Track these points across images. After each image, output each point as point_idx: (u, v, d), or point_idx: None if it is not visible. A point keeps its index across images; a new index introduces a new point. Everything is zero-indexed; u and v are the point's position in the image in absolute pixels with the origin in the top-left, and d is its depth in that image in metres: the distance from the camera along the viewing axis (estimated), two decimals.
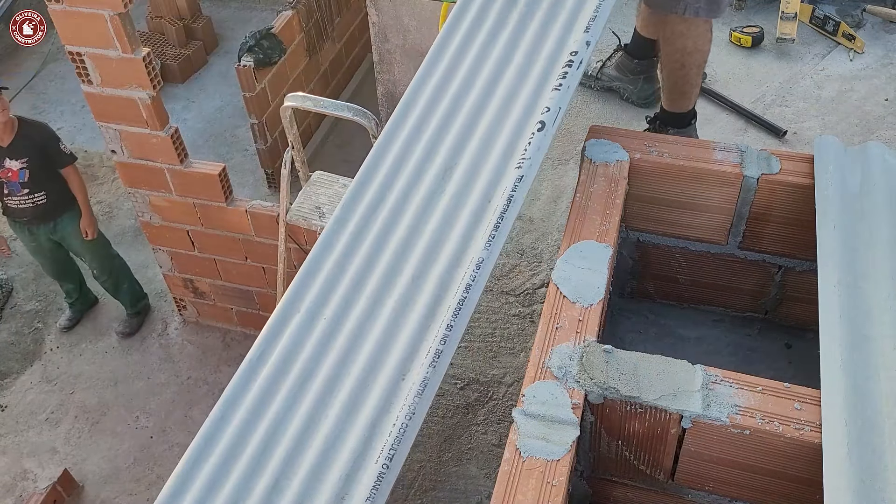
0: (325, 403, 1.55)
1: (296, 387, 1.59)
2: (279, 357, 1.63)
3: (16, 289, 4.58)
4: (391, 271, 1.68)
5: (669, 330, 2.07)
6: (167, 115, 3.50)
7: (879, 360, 1.40)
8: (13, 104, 5.70)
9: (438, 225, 1.70)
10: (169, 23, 5.86)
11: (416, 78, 2.04)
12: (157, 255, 4.16)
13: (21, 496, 3.62)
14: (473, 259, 1.59)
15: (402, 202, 1.78)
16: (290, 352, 1.64)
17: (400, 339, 1.57)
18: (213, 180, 3.65)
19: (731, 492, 1.53)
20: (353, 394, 1.54)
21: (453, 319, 1.51)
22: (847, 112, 3.42)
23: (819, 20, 3.84)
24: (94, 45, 3.19)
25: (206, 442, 1.55)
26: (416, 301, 1.61)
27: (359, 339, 1.62)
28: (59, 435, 3.89)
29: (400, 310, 1.62)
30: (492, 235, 1.60)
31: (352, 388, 1.55)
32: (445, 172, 1.79)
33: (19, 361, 4.24)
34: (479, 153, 1.79)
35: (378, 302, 1.64)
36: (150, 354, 4.25)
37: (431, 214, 1.73)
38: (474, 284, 1.56)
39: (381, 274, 1.68)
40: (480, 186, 1.72)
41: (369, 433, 1.47)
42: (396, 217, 1.77)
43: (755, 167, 1.79)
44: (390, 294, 1.64)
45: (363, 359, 1.58)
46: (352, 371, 1.58)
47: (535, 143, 1.68)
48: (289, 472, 1.48)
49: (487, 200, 1.69)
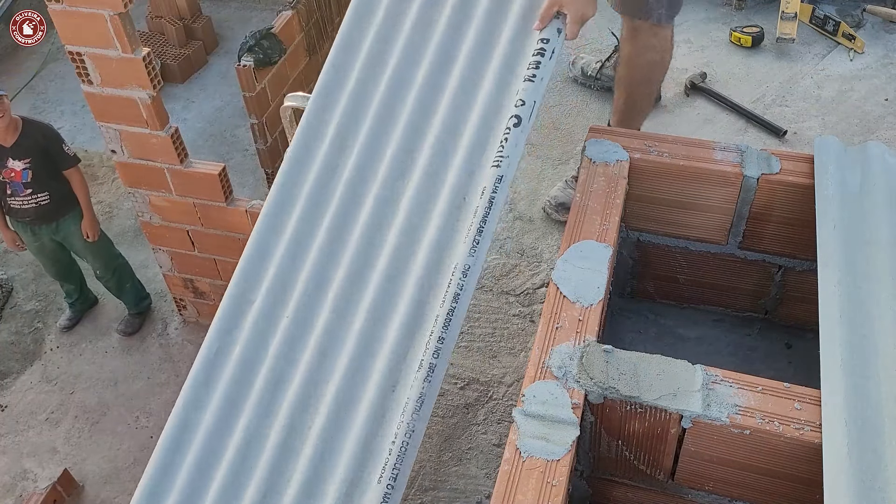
0: (303, 422, 1.48)
1: (266, 397, 1.52)
2: (241, 359, 1.56)
3: (16, 289, 4.58)
4: (358, 267, 1.59)
5: (669, 330, 2.07)
6: (167, 115, 3.50)
7: (879, 360, 1.40)
8: (13, 104, 5.70)
9: (407, 217, 1.61)
10: (169, 23, 5.86)
11: (342, 34, 1.85)
12: (157, 255, 4.15)
13: (21, 496, 3.62)
14: (458, 266, 1.51)
15: (358, 182, 1.67)
16: (253, 354, 1.56)
17: (383, 345, 1.51)
18: (213, 180, 3.65)
19: (731, 492, 1.53)
20: (338, 406, 1.47)
21: (444, 331, 1.45)
22: (847, 112, 3.42)
23: (819, 20, 3.84)
24: (94, 45, 3.19)
25: (169, 458, 1.49)
26: (396, 304, 1.54)
27: (334, 343, 1.54)
28: (59, 435, 3.88)
29: (377, 312, 1.54)
30: (475, 241, 1.52)
31: (335, 401, 1.48)
32: (407, 156, 1.67)
33: (19, 361, 4.24)
34: (444, 140, 1.66)
35: (349, 302, 1.56)
36: (150, 354, 4.25)
37: (398, 202, 1.63)
38: (462, 294, 1.49)
39: (347, 271, 1.59)
40: (452, 180, 1.62)
41: (363, 454, 1.41)
42: (354, 200, 1.66)
43: (755, 167, 1.79)
44: (361, 294, 1.57)
45: (343, 366, 1.51)
46: (332, 379, 1.51)
47: (512, 139, 1.59)
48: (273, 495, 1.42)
49: (462, 198, 1.59)
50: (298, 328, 1.58)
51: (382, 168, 1.69)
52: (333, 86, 1.83)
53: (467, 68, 1.74)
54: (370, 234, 1.63)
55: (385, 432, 1.42)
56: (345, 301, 1.58)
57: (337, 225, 1.67)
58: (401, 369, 1.47)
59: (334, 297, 1.59)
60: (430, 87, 1.75)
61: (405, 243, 1.60)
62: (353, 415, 1.46)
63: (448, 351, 1.46)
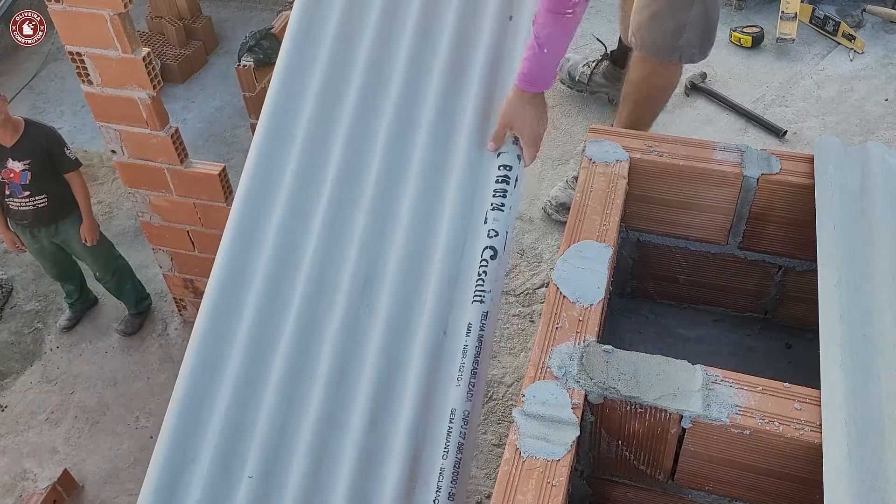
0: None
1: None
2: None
3: (16, 289, 4.58)
4: (329, 412, 1.38)
5: (669, 330, 2.07)
6: (167, 115, 3.50)
7: (879, 360, 1.40)
8: (13, 104, 5.70)
9: (379, 354, 1.44)
10: (169, 23, 5.86)
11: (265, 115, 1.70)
12: (157, 255, 4.15)
13: (21, 496, 3.61)
14: (457, 412, 1.39)
15: (312, 310, 1.47)
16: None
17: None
18: (213, 180, 3.65)
19: (731, 492, 1.53)
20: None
21: (453, 485, 1.32)
22: (847, 112, 3.42)
23: (819, 20, 3.84)
24: (94, 45, 3.19)
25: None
26: (386, 455, 1.37)
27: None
28: (59, 435, 3.88)
29: (363, 466, 1.34)
30: (471, 383, 1.41)
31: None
32: (365, 284, 1.49)
33: (19, 361, 4.24)
34: (409, 270, 1.50)
35: (328, 456, 1.36)
36: (150, 354, 4.25)
37: (361, 337, 1.45)
38: (466, 443, 1.37)
39: (317, 416, 1.38)
40: (429, 315, 1.47)
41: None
42: (311, 329, 1.45)
43: (755, 167, 1.79)
44: (340, 444, 1.37)
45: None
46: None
47: (491, 273, 1.50)
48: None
49: (443, 332, 1.46)
50: (264, 489, 1.38)
51: (340, 297, 1.51)
52: (267, 187, 1.64)
53: (424, 192, 1.59)
54: (336, 362, 1.46)
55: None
56: (316, 455, 1.40)
57: (291, 367, 1.46)
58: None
59: (306, 446, 1.40)
60: (383, 206, 1.57)
61: (383, 384, 1.43)
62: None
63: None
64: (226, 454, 1.42)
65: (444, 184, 1.61)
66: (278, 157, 1.69)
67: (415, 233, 1.57)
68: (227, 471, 1.40)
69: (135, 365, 4.17)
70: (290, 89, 1.75)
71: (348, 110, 1.70)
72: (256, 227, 1.62)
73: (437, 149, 1.64)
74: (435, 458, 1.37)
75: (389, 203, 1.60)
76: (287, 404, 1.44)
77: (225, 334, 1.50)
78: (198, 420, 1.43)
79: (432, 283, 1.52)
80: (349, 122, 1.69)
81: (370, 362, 1.47)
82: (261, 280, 1.56)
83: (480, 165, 1.62)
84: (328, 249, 1.56)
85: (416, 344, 1.48)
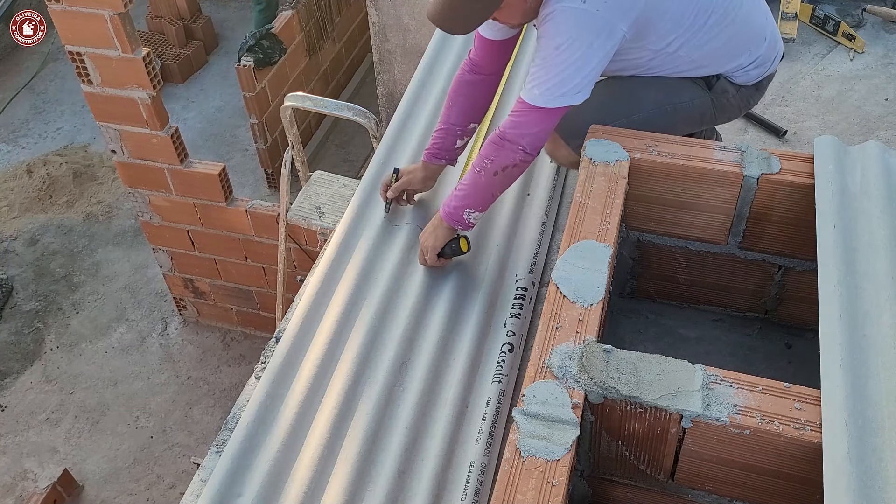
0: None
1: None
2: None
3: (16, 289, 4.58)
4: (361, 463, 1.65)
5: (669, 330, 2.07)
6: (167, 114, 3.50)
7: (879, 360, 1.40)
8: (13, 104, 5.70)
9: (412, 418, 1.73)
10: (169, 23, 5.86)
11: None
12: (157, 255, 4.16)
13: (21, 496, 3.62)
14: (475, 464, 1.62)
15: (356, 386, 1.79)
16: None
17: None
18: (213, 180, 3.65)
19: (731, 492, 1.53)
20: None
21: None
22: (847, 112, 3.43)
23: (819, 20, 3.85)
24: (94, 45, 3.19)
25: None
26: (410, 499, 1.60)
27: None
28: (59, 435, 3.88)
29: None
30: (488, 442, 1.66)
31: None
32: (401, 366, 1.84)
33: (19, 361, 4.24)
34: (437, 356, 1.85)
35: (358, 497, 1.60)
36: (150, 354, 4.25)
37: (398, 406, 1.76)
38: (482, 489, 1.59)
39: (350, 467, 1.64)
40: (453, 389, 1.78)
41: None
42: (357, 400, 1.76)
43: (755, 167, 1.79)
44: (371, 489, 1.61)
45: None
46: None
47: (509, 362, 1.82)
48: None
49: (465, 405, 1.76)
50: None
51: (380, 376, 1.83)
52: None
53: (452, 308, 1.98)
54: (373, 425, 1.73)
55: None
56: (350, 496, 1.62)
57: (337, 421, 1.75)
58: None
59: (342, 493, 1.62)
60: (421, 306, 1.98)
61: (409, 441, 1.70)
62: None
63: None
64: (267, 492, 1.66)
65: (471, 304, 2.00)
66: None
67: (445, 332, 1.92)
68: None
69: (135, 365, 4.17)
70: None
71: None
72: (318, 316, 2.00)
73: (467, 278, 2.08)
74: (454, 501, 1.59)
75: (427, 313, 1.98)
76: (327, 455, 1.70)
77: (282, 394, 1.83)
78: (248, 464, 1.70)
79: (458, 370, 1.84)
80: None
81: (402, 423, 1.74)
82: (316, 355, 1.88)
83: (501, 288, 2.03)
84: (375, 338, 1.93)
85: (445, 410, 1.76)
